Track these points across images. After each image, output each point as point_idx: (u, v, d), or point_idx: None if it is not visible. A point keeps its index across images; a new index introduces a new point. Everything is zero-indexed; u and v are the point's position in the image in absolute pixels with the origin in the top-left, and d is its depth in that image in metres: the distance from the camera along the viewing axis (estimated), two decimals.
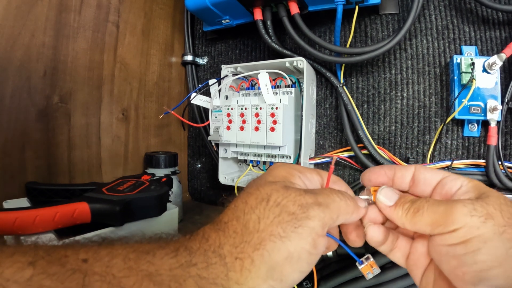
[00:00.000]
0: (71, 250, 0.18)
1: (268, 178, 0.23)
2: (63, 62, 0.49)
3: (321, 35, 0.57)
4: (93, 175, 0.54)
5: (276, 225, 0.20)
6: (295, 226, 0.20)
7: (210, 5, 0.50)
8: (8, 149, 0.43)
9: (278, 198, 0.21)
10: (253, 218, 0.20)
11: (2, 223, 0.30)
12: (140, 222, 0.40)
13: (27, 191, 0.41)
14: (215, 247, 0.20)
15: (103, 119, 0.55)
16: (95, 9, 0.52)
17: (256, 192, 0.22)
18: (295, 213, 0.20)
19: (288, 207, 0.20)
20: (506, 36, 0.45)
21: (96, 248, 0.18)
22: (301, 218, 0.20)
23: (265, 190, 0.21)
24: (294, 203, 0.20)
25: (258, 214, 0.20)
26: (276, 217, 0.20)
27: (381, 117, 0.52)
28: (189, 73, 0.68)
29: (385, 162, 0.47)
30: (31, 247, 0.18)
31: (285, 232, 0.19)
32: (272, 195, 0.21)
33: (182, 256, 0.19)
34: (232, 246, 0.20)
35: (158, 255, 0.19)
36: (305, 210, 0.20)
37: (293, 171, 0.24)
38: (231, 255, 0.19)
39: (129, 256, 0.18)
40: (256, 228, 0.20)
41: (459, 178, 0.23)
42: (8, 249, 0.17)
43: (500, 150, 0.43)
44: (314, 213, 0.20)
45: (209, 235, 0.20)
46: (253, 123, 0.48)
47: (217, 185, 0.67)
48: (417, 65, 0.50)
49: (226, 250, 0.19)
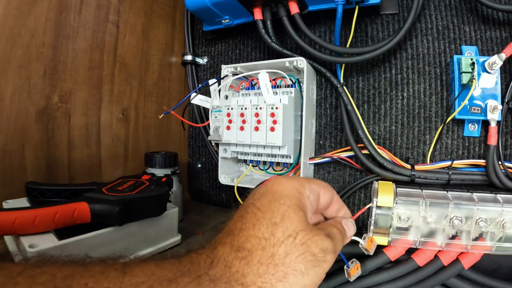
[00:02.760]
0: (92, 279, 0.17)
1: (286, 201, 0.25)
2: (63, 62, 0.49)
3: (321, 35, 0.57)
4: (93, 175, 0.54)
5: (300, 262, 0.22)
6: (313, 265, 0.23)
7: (210, 5, 0.50)
8: (8, 149, 0.43)
9: (303, 237, 0.23)
10: (279, 252, 0.22)
11: (2, 223, 0.30)
12: (140, 222, 0.40)
13: (27, 191, 0.41)
14: (239, 276, 0.21)
15: (103, 119, 0.55)
16: (95, 9, 0.52)
17: (282, 225, 0.23)
18: (316, 255, 0.23)
19: (311, 248, 0.23)
20: (506, 36, 0.45)
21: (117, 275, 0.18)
22: (320, 260, 0.23)
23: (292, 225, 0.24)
24: (317, 246, 0.24)
25: (285, 249, 0.22)
26: (301, 255, 0.23)
27: (381, 117, 0.52)
28: (189, 73, 0.68)
29: (385, 162, 0.47)
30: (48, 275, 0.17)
31: (306, 269, 0.22)
32: (299, 234, 0.23)
33: (205, 284, 0.20)
34: (256, 275, 0.21)
35: (181, 283, 0.19)
36: (324, 255, 0.24)
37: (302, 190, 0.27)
38: (254, 284, 0.21)
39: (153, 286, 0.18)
40: (282, 262, 0.22)
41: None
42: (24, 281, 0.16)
43: (500, 150, 0.43)
44: (330, 258, 0.24)
45: (232, 263, 0.22)
46: (253, 123, 0.48)
47: (217, 185, 0.67)
48: (417, 65, 0.50)
49: (249, 279, 0.21)
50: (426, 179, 0.45)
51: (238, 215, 0.25)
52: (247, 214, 0.24)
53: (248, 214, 0.24)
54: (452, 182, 0.44)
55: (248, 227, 0.23)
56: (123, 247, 0.39)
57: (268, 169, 0.54)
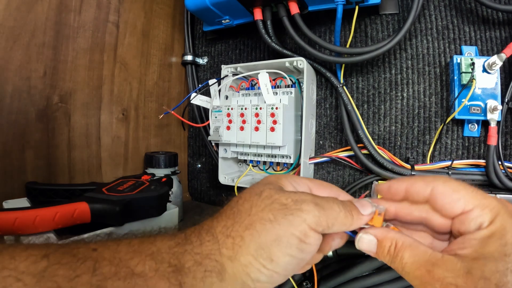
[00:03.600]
0: (82, 243, 0.20)
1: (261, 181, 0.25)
2: (63, 62, 0.49)
3: (321, 35, 0.57)
4: (93, 175, 0.54)
5: (267, 212, 0.21)
6: (285, 214, 0.21)
7: (210, 5, 0.50)
8: (8, 149, 0.43)
9: (270, 193, 0.22)
10: (245, 206, 0.22)
11: (2, 223, 0.30)
12: (140, 222, 0.40)
13: (27, 191, 0.41)
14: (208, 228, 0.22)
15: (103, 119, 0.55)
16: (95, 9, 0.52)
17: (249, 189, 0.24)
18: (287, 204, 0.21)
19: (280, 200, 0.21)
20: (506, 36, 0.45)
21: (104, 240, 0.21)
22: (293, 209, 0.21)
23: (259, 187, 0.23)
24: (288, 198, 0.22)
25: (250, 203, 0.22)
26: (267, 206, 0.21)
27: (381, 117, 0.52)
28: (189, 73, 0.68)
29: (385, 162, 0.47)
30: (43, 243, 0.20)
31: (275, 217, 0.21)
32: (264, 191, 0.22)
33: (179, 237, 0.22)
34: (224, 227, 0.22)
35: (158, 239, 0.21)
36: (298, 204, 0.21)
37: (283, 178, 0.25)
38: (222, 234, 0.21)
39: (133, 243, 0.21)
40: (248, 213, 0.21)
41: (482, 216, 0.20)
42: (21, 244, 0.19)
43: (500, 150, 0.43)
44: (308, 208, 0.21)
45: (204, 222, 0.23)
46: (253, 123, 0.48)
47: (217, 185, 0.67)
48: (417, 65, 0.50)
49: (218, 230, 0.22)
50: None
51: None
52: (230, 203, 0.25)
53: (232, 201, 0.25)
54: None
55: (226, 207, 0.24)
56: None
57: (268, 169, 0.54)
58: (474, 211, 0.21)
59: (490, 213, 0.20)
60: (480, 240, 0.20)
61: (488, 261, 0.18)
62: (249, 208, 0.22)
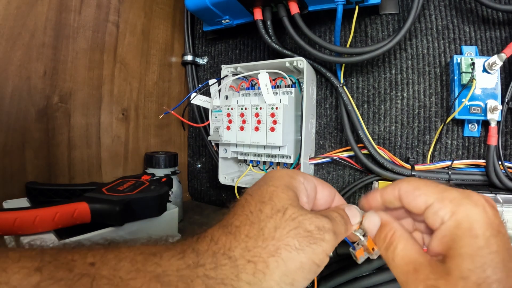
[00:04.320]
0: (78, 254, 0.18)
1: (274, 183, 0.24)
2: (63, 62, 0.49)
3: (321, 35, 0.57)
4: (93, 175, 0.54)
5: (292, 238, 0.20)
6: (310, 242, 0.21)
7: (210, 5, 0.50)
8: (8, 149, 0.43)
9: (294, 213, 0.22)
10: (268, 226, 0.21)
11: (2, 223, 0.30)
12: (140, 222, 0.40)
13: (27, 191, 0.41)
14: (225, 250, 0.20)
15: (103, 119, 0.55)
16: (95, 9, 0.52)
17: (270, 202, 0.22)
18: (312, 232, 0.21)
19: (305, 224, 0.21)
20: (506, 36, 0.45)
21: (103, 251, 0.19)
22: (317, 238, 0.21)
23: (280, 202, 0.22)
24: (311, 223, 0.21)
25: (274, 223, 0.21)
26: (293, 229, 0.21)
27: (381, 117, 0.52)
28: (189, 73, 0.68)
29: (385, 162, 0.47)
30: (37, 251, 0.18)
31: (300, 245, 0.20)
32: (288, 209, 0.22)
33: (190, 257, 0.19)
34: (245, 249, 0.20)
35: (165, 256, 0.19)
36: (321, 232, 0.21)
37: (294, 175, 0.25)
38: (243, 258, 0.20)
39: (136, 259, 0.18)
40: (272, 236, 0.20)
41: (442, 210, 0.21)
42: (14, 254, 0.17)
43: (500, 150, 0.43)
44: (329, 238, 0.22)
45: (218, 238, 0.21)
46: (253, 123, 0.48)
47: (217, 185, 0.67)
48: (417, 65, 0.50)
49: (237, 252, 0.20)
50: (426, 179, 0.45)
51: (232, 205, 0.24)
52: (239, 201, 0.24)
53: (240, 200, 0.24)
54: (452, 182, 0.45)
55: (237, 210, 0.23)
56: None
57: (268, 169, 0.54)
58: (434, 205, 0.21)
59: (451, 204, 0.20)
60: (449, 235, 0.20)
61: (463, 259, 0.18)
62: (273, 229, 0.21)
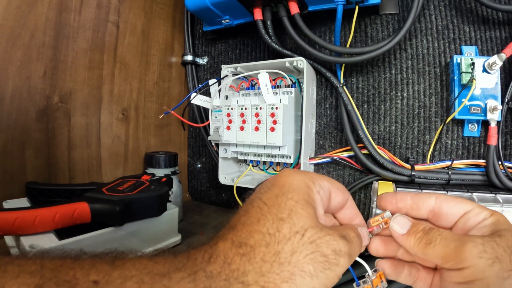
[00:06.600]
0: (81, 271, 0.17)
1: (294, 196, 0.23)
2: (63, 62, 0.49)
3: (321, 35, 0.57)
4: (93, 175, 0.54)
5: (308, 263, 0.20)
6: (324, 268, 0.21)
7: (210, 5, 0.50)
8: (8, 149, 0.43)
9: (313, 236, 0.21)
10: (285, 250, 0.20)
11: (2, 223, 0.30)
12: (140, 222, 0.40)
13: (27, 191, 0.41)
14: (239, 274, 0.19)
15: (103, 119, 0.55)
16: (95, 9, 0.52)
17: (289, 221, 0.21)
18: (328, 257, 0.21)
19: (322, 248, 0.21)
20: (506, 36, 0.45)
21: (107, 268, 0.18)
22: (332, 263, 0.21)
23: (300, 221, 0.21)
24: (328, 246, 0.21)
25: (291, 247, 0.20)
26: (309, 254, 0.20)
27: (381, 117, 0.52)
28: (189, 73, 0.68)
29: (385, 162, 0.47)
30: (37, 264, 0.17)
31: (315, 271, 0.20)
32: (307, 231, 0.21)
33: (201, 281, 0.18)
34: (259, 274, 0.19)
35: (174, 278, 0.18)
36: (337, 257, 0.21)
37: (311, 185, 0.24)
38: (256, 283, 0.19)
39: (143, 279, 0.17)
40: (288, 261, 0.20)
41: (483, 212, 0.24)
42: (13, 269, 0.16)
43: (500, 150, 0.43)
44: (343, 262, 0.22)
45: (232, 260, 0.20)
46: (253, 123, 0.48)
47: (217, 185, 0.67)
48: (417, 65, 0.50)
49: (250, 277, 0.19)
50: (426, 179, 0.45)
51: (243, 210, 0.23)
52: (252, 209, 0.22)
53: (253, 208, 0.22)
54: (452, 182, 0.45)
55: (252, 221, 0.21)
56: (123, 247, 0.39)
57: (268, 169, 0.54)
58: (475, 209, 0.24)
59: (487, 210, 0.24)
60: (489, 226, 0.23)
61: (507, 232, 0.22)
62: (290, 253, 0.20)
